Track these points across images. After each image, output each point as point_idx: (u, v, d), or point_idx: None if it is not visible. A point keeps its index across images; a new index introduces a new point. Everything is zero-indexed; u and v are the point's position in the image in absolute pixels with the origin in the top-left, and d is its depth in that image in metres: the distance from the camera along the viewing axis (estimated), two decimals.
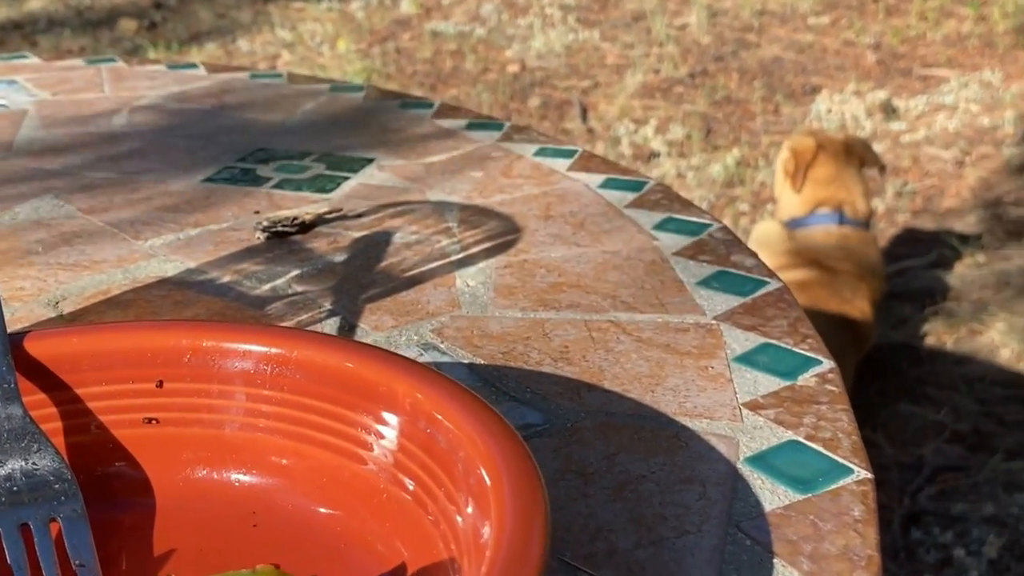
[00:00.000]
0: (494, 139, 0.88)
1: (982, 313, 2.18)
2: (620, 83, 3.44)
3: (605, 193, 0.77)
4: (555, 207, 0.74)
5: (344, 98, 1.00)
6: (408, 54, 3.72)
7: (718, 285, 0.62)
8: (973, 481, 1.77)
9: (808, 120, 3.08)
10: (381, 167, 0.82)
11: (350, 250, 0.67)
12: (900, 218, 2.59)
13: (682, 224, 0.71)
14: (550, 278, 0.63)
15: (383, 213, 0.73)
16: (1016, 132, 2.89)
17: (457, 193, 0.76)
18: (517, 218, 0.72)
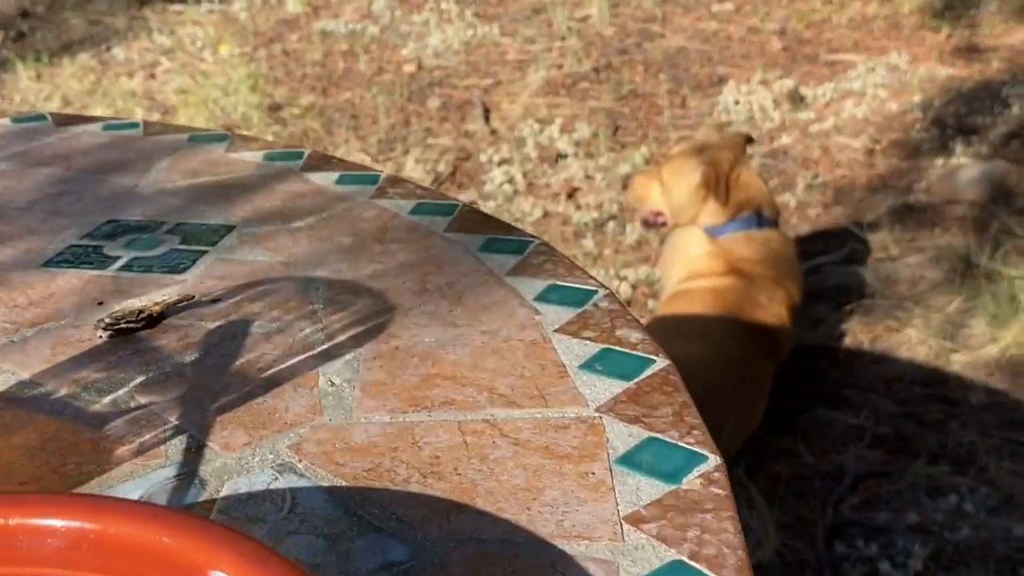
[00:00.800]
0: (368, 194, 0.85)
1: (898, 309, 2.22)
2: (522, 80, 3.43)
3: (486, 257, 0.74)
4: (432, 277, 0.71)
5: (204, 151, 0.95)
6: (297, 56, 3.65)
7: (601, 367, 0.61)
8: (896, 488, 1.80)
9: (716, 113, 3.11)
10: (242, 237, 0.78)
11: (202, 346, 0.63)
12: (812, 212, 2.62)
13: (566, 293, 0.69)
14: (423, 368, 0.61)
15: (241, 296, 0.69)
16: (924, 117, 2.95)
17: (325, 265, 0.73)
18: (390, 294, 0.69)
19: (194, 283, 0.71)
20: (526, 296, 0.69)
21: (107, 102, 3.32)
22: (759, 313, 1.98)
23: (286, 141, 3.08)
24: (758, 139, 2.95)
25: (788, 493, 1.82)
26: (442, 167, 2.97)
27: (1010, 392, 1.99)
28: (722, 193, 2.07)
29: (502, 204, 2.77)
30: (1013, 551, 1.63)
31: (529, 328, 0.65)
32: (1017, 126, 2.84)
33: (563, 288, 0.70)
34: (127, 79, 3.52)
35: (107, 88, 3.45)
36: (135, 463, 0.53)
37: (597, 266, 2.48)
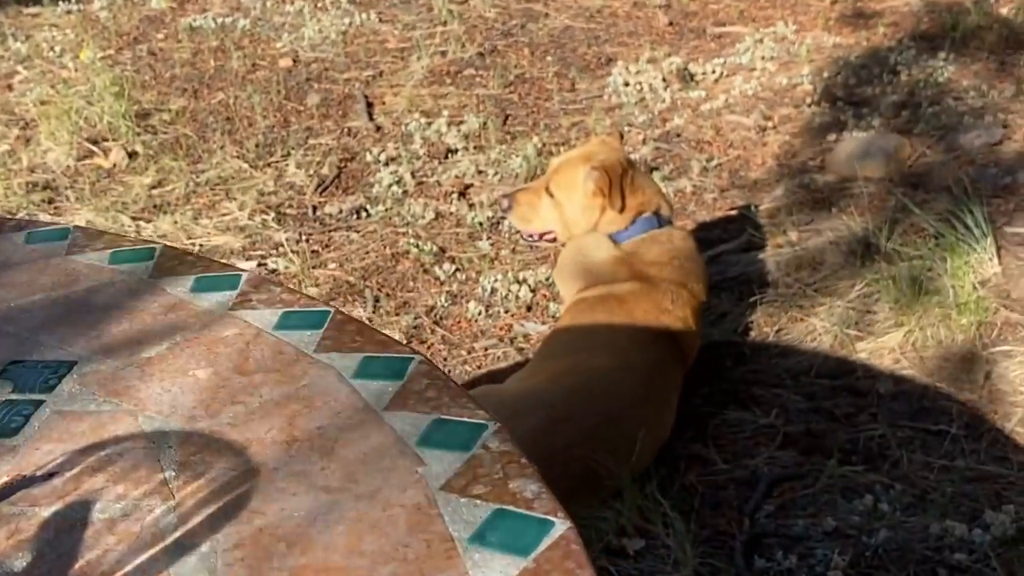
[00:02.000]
0: (227, 304, 0.78)
1: (801, 298, 2.21)
2: (405, 70, 3.33)
3: (362, 385, 0.68)
4: (301, 421, 0.64)
5: (42, 254, 0.86)
6: (164, 56, 3.48)
7: (495, 539, 0.55)
8: (811, 491, 1.79)
9: (606, 95, 3.06)
10: (83, 379, 0.70)
11: (35, 545, 0.55)
12: (708, 197, 2.60)
13: (452, 432, 0.63)
14: (291, 558, 0.54)
15: (81, 467, 0.61)
16: (814, 89, 2.95)
17: (178, 411, 0.66)
18: (253, 448, 0.62)
19: (27, 450, 0.63)
20: (408, 440, 0.63)
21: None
22: (664, 318, 1.95)
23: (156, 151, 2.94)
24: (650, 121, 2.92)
25: (703, 505, 1.80)
26: (326, 170, 2.87)
27: (917, 378, 2.00)
28: (617, 199, 2.03)
29: (391, 207, 2.69)
30: (931, 551, 1.64)
31: (412, 487, 0.59)
32: (907, 95, 2.86)
33: (449, 425, 0.63)
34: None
35: None
36: None
37: (495, 268, 2.42)
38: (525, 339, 2.22)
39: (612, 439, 1.75)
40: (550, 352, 1.95)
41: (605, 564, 1.67)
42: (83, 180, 2.81)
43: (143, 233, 2.62)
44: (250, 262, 2.50)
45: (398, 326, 2.24)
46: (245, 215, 2.68)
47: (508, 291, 2.31)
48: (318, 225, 2.65)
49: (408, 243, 2.50)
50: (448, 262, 2.43)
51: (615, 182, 2.02)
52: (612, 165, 2.04)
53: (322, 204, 2.74)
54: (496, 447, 0.61)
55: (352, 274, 2.44)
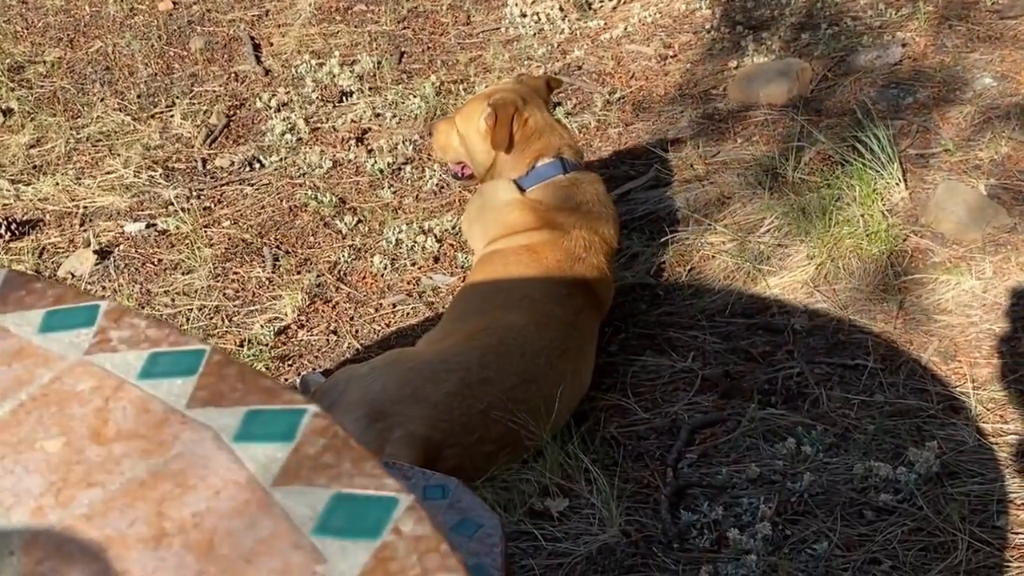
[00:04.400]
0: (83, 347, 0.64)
1: (711, 234, 2.13)
2: (292, 8, 3.12)
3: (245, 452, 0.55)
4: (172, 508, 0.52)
5: None
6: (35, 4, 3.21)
7: None
8: (732, 436, 1.73)
9: (503, 27, 2.91)
10: None
11: None
12: (612, 132, 2.49)
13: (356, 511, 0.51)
14: None
15: None
16: (713, 14, 2.83)
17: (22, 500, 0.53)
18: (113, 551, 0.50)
19: None
20: (303, 525, 0.51)
21: None
22: (578, 267, 1.85)
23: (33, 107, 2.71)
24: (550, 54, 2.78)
25: (626, 457, 1.72)
26: (214, 119, 2.68)
27: (831, 312, 1.95)
28: (502, 136, 1.91)
29: (286, 157, 2.52)
30: (856, 492, 1.59)
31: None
32: (805, 16, 2.77)
33: (351, 502, 0.52)
34: None
35: None
36: None
37: (399, 218, 2.29)
38: (434, 292, 2.10)
39: (531, 398, 1.66)
40: (463, 310, 1.83)
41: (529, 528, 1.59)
42: None
43: (23, 197, 2.42)
44: (138, 223, 2.32)
45: (300, 285, 2.10)
46: (131, 172, 2.48)
47: (414, 242, 2.18)
48: (209, 179, 2.47)
49: (306, 195, 2.35)
50: (349, 214, 2.29)
51: (502, 120, 1.91)
52: (505, 103, 1.92)
53: (212, 156, 2.55)
54: (410, 531, 0.50)
55: (248, 231, 2.28)
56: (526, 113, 1.94)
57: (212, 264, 2.17)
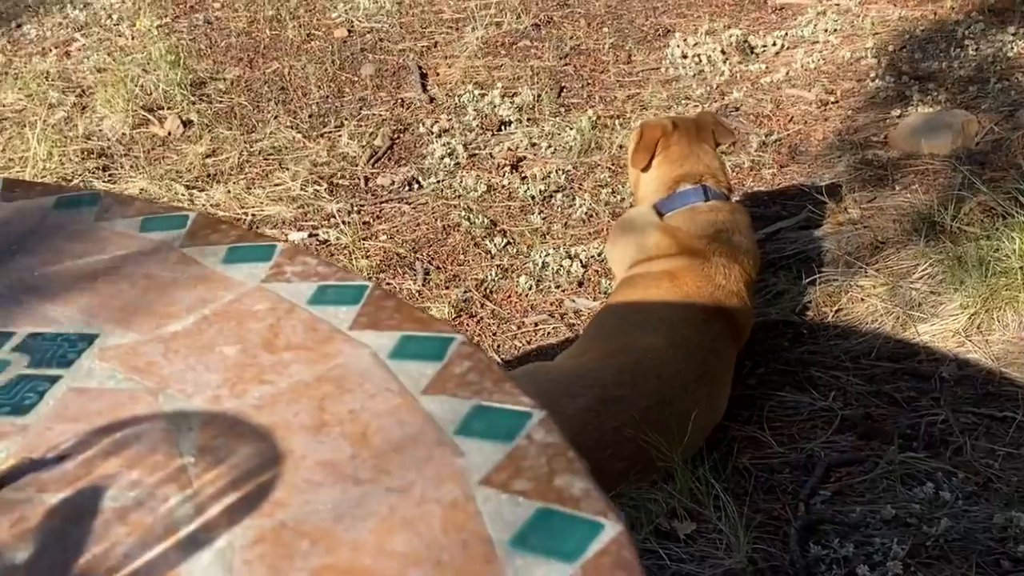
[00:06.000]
0: (260, 276, 0.72)
1: (861, 277, 2.12)
2: (460, 41, 3.26)
3: (398, 367, 0.62)
4: (331, 404, 0.59)
5: (70, 222, 0.81)
6: (220, 26, 3.45)
7: (538, 541, 0.49)
8: (869, 477, 1.71)
9: (663, 67, 2.97)
10: (103, 353, 0.65)
11: (40, 535, 0.50)
12: (766, 173, 2.51)
13: (494, 420, 0.57)
14: (314, 557, 0.49)
15: (95, 449, 0.56)
16: (878, 64, 2.83)
17: (201, 390, 0.60)
18: (279, 433, 0.57)
19: (39, 430, 0.58)
20: (446, 428, 0.57)
21: (19, 85, 3.12)
22: (718, 294, 1.88)
23: (211, 120, 2.91)
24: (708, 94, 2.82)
25: (757, 488, 1.73)
26: (379, 141, 2.82)
27: (982, 362, 1.91)
28: (642, 156, 1.97)
29: (444, 179, 2.63)
30: (995, 542, 1.55)
31: (449, 481, 0.53)
32: (974, 70, 2.74)
33: (490, 412, 0.57)
34: (40, 58, 3.31)
35: (19, 69, 3.24)
36: None
37: (547, 243, 2.36)
38: (576, 315, 2.15)
39: (664, 420, 1.69)
40: (601, 330, 1.88)
41: (655, 547, 1.61)
42: (138, 148, 2.79)
43: (196, 202, 2.59)
44: (301, 232, 2.46)
45: (448, 299, 2.18)
46: (297, 185, 2.63)
47: (559, 266, 2.25)
48: (370, 196, 2.60)
49: (459, 216, 2.45)
50: (499, 235, 2.37)
51: (646, 140, 1.97)
52: (653, 125, 1.98)
53: (374, 175, 2.69)
54: (541, 438, 0.55)
55: (403, 246, 2.39)
56: (673, 138, 1.99)
57: (367, 274, 2.28)
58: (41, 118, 2.89)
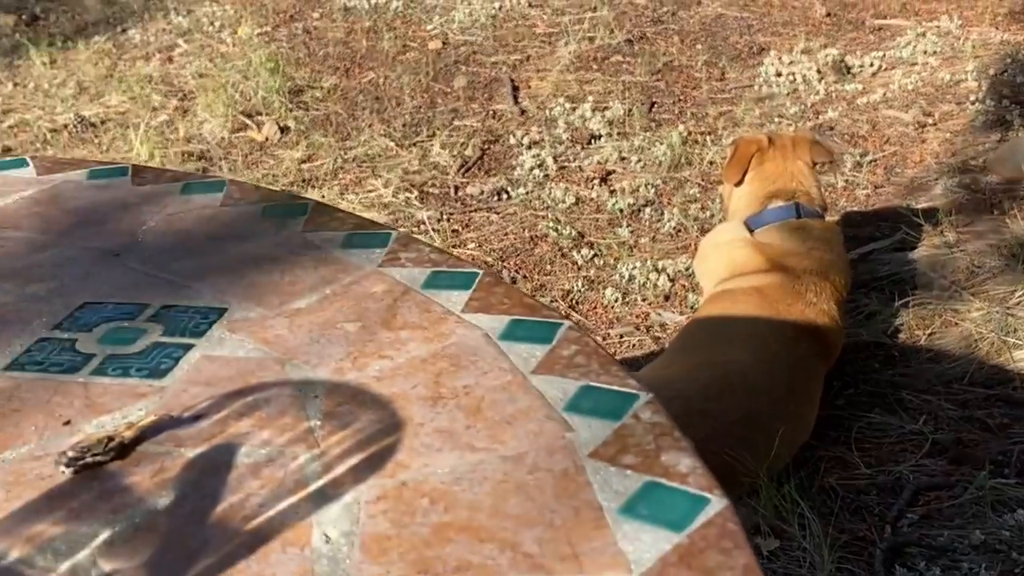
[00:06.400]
0: (376, 261, 0.76)
1: (956, 301, 2.10)
2: (552, 55, 3.31)
3: (509, 347, 0.65)
4: (447, 379, 0.62)
5: (198, 205, 0.87)
6: (318, 35, 3.55)
7: (646, 511, 0.51)
8: (958, 502, 1.70)
9: (757, 85, 2.98)
10: (232, 325, 0.69)
11: (179, 484, 0.55)
12: (860, 193, 2.50)
13: (601, 399, 0.60)
14: (435, 514, 0.52)
15: (227, 411, 0.61)
16: (979, 87, 2.80)
17: (325, 362, 0.65)
18: (398, 403, 0.60)
19: (175, 391, 0.63)
20: (555, 404, 0.60)
21: (123, 88, 3.25)
22: (807, 312, 1.88)
23: (307, 127, 2.99)
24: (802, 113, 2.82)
25: (843, 509, 1.72)
26: (470, 151, 2.87)
27: None
28: (735, 171, 1.99)
29: (532, 190, 2.67)
30: None
31: (559, 452, 0.56)
32: None
33: (598, 392, 0.61)
34: (144, 63, 3.44)
35: (123, 73, 3.37)
36: None
37: (634, 256, 2.38)
38: (662, 328, 2.17)
39: (750, 436, 1.69)
40: (688, 343, 1.89)
41: None
42: (236, 152, 2.88)
43: None
44: None
45: None
46: (389, 192, 2.70)
47: (646, 279, 2.27)
48: (459, 205, 2.65)
49: (547, 226, 2.48)
50: (586, 247, 2.40)
51: (740, 154, 1.98)
52: (748, 140, 2.00)
53: (464, 185, 2.74)
54: (648, 418, 0.58)
55: (491, 255, 2.43)
56: (768, 154, 2.00)
57: None
58: (144, 120, 3.01)
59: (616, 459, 0.55)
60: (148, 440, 0.58)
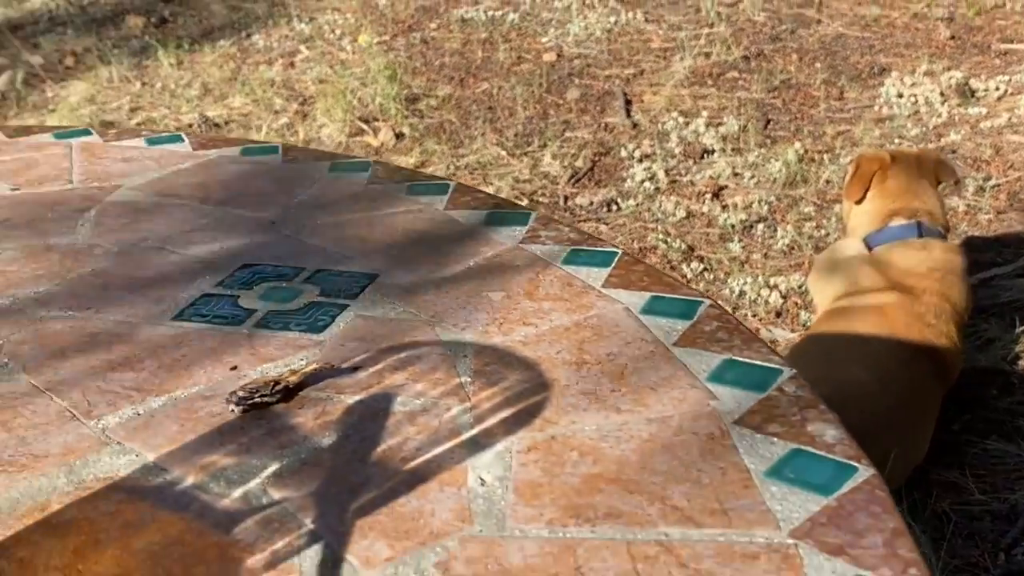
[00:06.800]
0: (517, 238, 0.79)
1: None
2: (667, 70, 3.32)
3: (650, 321, 0.67)
4: (590, 347, 0.65)
5: (345, 183, 0.91)
6: (435, 45, 3.62)
7: (793, 475, 0.53)
8: None
9: (877, 106, 2.94)
10: (384, 289, 0.73)
11: (341, 427, 0.58)
12: (982, 218, 2.45)
13: (744, 372, 0.61)
14: (584, 466, 0.54)
15: (383, 364, 0.64)
16: None
17: (472, 326, 0.67)
18: (544, 366, 0.63)
19: (333, 345, 0.66)
20: (698, 374, 0.62)
21: (246, 90, 3.36)
22: (926, 333, 1.85)
23: (422, 134, 3.06)
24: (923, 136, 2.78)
25: (956, 535, 1.69)
26: (580, 162, 2.90)
27: None
28: (856, 189, 1.97)
29: (642, 203, 2.68)
30: None
31: (704, 418, 0.58)
32: None
33: (741, 366, 0.62)
34: (266, 67, 3.55)
35: (246, 76, 3.49)
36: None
37: (745, 272, 2.37)
38: (773, 345, 2.16)
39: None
40: (802, 360, 1.88)
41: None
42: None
43: None
44: None
45: None
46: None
47: (757, 295, 2.26)
48: (568, 215, 2.68)
49: (657, 239, 2.49)
50: (696, 261, 2.40)
51: (862, 172, 1.97)
52: (871, 157, 1.98)
53: (574, 195, 2.77)
54: (793, 391, 0.60)
55: None
56: (890, 172, 1.98)
57: None
58: (266, 123, 3.11)
59: (761, 428, 0.57)
60: (310, 387, 0.62)
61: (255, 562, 0.49)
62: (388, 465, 0.55)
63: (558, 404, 0.59)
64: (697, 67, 3.30)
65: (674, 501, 0.52)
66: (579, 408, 0.59)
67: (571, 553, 0.49)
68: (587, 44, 3.51)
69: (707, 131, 2.91)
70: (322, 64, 3.49)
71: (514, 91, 3.27)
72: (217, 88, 3.39)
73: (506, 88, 3.30)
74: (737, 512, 0.51)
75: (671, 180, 2.74)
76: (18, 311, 0.72)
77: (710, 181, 2.73)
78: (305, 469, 0.55)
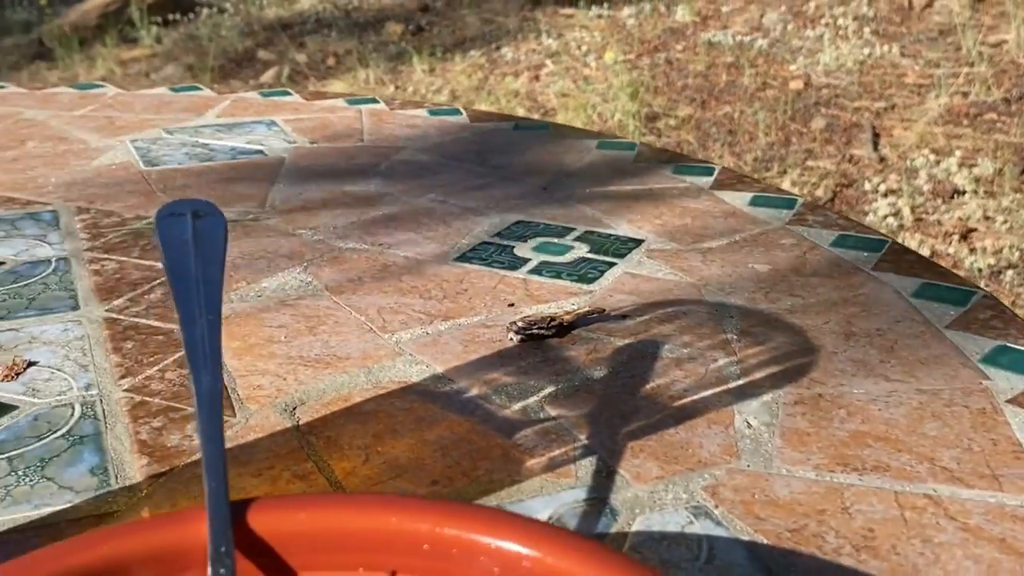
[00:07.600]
0: (784, 220, 0.81)
1: None
2: (920, 106, 3.23)
3: (921, 305, 0.68)
4: (859, 321, 0.66)
5: (612, 158, 0.95)
6: (679, 66, 3.65)
7: None
8: None
9: None
10: (650, 252, 0.76)
11: (611, 363, 0.62)
12: None
13: (1019, 358, 0.61)
14: (851, 424, 0.56)
15: (650, 316, 0.67)
16: None
17: (738, 293, 0.70)
18: (810, 333, 0.65)
19: (602, 295, 0.70)
20: (970, 356, 0.62)
21: (491, 99, 3.49)
22: None
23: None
24: None
25: None
26: (820, 192, 2.86)
27: None
28: None
29: None
30: None
31: (976, 394, 0.58)
32: None
33: (1016, 352, 0.62)
34: (512, 79, 3.67)
35: (492, 86, 3.62)
36: (544, 479, 0.52)
37: None
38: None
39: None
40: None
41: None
42: None
43: None
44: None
45: None
46: None
47: None
48: None
49: None
50: None
51: None
52: None
53: None
54: None
55: None
56: None
57: None
58: None
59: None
60: (581, 327, 0.66)
61: (534, 464, 0.53)
62: (657, 400, 0.58)
63: (825, 367, 0.61)
64: (953, 105, 3.19)
65: (944, 463, 0.52)
66: (847, 373, 0.60)
67: (838, 495, 0.50)
68: (837, 75, 3.46)
69: (959, 171, 2.81)
70: (566, 78, 3.58)
71: (756, 116, 3.25)
72: (464, 95, 3.54)
73: (748, 113, 3.29)
74: (1009, 480, 0.51)
75: (916, 218, 2.67)
76: (320, 241, 0.80)
77: (959, 222, 2.64)
78: (578, 394, 0.59)
